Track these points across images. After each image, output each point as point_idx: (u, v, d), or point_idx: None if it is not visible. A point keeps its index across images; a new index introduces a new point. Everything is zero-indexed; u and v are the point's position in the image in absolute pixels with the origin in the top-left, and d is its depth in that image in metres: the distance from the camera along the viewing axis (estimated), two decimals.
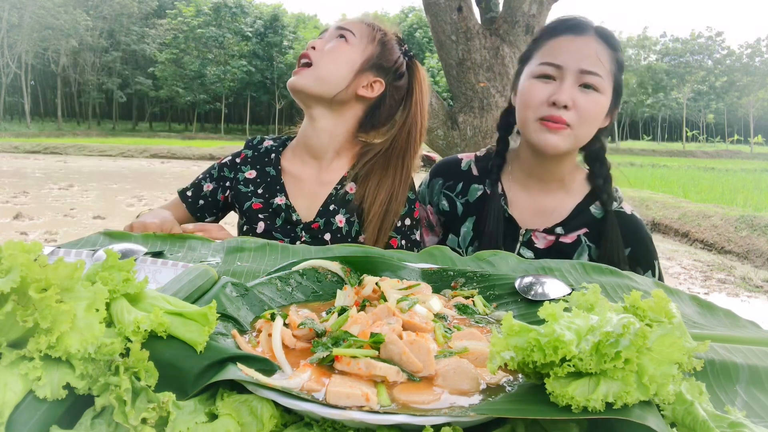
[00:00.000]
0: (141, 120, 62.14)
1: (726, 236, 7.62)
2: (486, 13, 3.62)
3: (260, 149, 1.52)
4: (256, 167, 1.48)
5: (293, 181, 1.45)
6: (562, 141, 1.24)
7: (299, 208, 1.41)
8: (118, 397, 0.46)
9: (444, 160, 1.52)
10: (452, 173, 1.46)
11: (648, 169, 20.66)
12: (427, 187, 1.49)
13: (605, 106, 1.26)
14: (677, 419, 0.48)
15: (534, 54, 1.31)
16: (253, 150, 1.52)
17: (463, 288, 0.85)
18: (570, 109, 1.22)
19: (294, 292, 0.79)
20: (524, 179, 1.39)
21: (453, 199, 1.44)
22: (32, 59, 49.09)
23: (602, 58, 1.24)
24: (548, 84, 1.25)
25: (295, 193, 1.43)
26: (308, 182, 1.45)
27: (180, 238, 1.07)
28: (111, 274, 0.57)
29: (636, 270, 1.28)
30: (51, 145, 27.03)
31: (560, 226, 1.33)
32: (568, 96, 1.22)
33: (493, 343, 0.50)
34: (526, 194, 1.38)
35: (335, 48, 1.39)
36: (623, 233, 1.30)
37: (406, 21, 65.45)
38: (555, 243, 1.32)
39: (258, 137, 1.57)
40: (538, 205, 1.36)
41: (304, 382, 0.53)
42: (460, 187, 1.44)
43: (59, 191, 11.66)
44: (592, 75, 1.22)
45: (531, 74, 1.29)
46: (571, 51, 1.25)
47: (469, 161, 1.47)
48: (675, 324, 0.51)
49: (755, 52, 63.08)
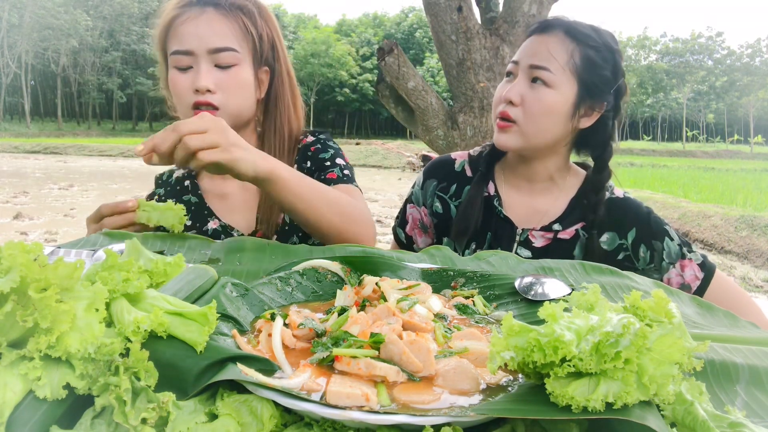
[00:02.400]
0: (141, 120, 62.15)
1: (726, 236, 7.63)
2: (486, 13, 3.62)
3: (171, 182, 1.45)
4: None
5: (219, 200, 1.39)
6: (510, 139, 1.28)
7: (236, 224, 1.36)
8: (118, 397, 0.46)
9: (438, 159, 1.51)
10: (446, 174, 1.45)
11: (648, 169, 20.67)
12: (420, 189, 1.47)
13: (558, 101, 1.25)
14: (677, 419, 0.48)
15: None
16: (164, 187, 1.46)
17: (463, 288, 0.85)
18: (517, 104, 1.25)
19: (294, 292, 0.79)
20: (515, 180, 1.40)
21: (446, 201, 1.43)
22: (32, 59, 49.09)
23: (556, 54, 1.24)
24: (509, 82, 1.29)
25: (225, 211, 1.38)
26: (235, 195, 1.40)
27: (180, 238, 1.07)
28: (111, 274, 0.57)
29: (652, 245, 1.28)
30: (51, 145, 27.06)
31: (557, 222, 1.33)
32: (516, 92, 1.25)
33: (493, 343, 0.50)
34: (519, 194, 1.38)
35: (230, 83, 1.26)
36: (621, 218, 1.31)
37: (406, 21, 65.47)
38: (554, 240, 1.32)
39: (166, 172, 1.49)
40: (532, 205, 1.37)
41: (304, 382, 0.53)
42: (454, 189, 1.43)
43: (59, 191, 11.66)
44: (540, 69, 1.24)
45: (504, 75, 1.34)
46: (527, 49, 1.28)
47: (462, 161, 1.46)
48: (675, 324, 0.51)
49: (755, 52, 63.09)
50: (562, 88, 1.24)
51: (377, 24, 73.41)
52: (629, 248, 1.30)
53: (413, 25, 66.42)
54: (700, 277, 1.26)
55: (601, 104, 1.29)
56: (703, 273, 1.26)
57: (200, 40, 1.24)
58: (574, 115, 1.27)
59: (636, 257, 1.29)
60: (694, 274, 1.26)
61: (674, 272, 1.26)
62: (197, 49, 1.24)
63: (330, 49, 60.16)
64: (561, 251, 1.31)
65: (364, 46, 67.77)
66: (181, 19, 1.25)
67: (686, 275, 1.26)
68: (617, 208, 1.32)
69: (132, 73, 56.03)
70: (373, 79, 56.75)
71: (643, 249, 1.29)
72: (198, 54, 1.24)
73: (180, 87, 1.25)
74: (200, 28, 1.24)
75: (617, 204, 1.33)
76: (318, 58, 59.99)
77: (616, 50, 1.29)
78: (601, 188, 1.32)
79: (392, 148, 26.21)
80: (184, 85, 1.25)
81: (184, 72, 1.25)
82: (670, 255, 1.27)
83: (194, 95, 1.24)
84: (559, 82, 1.23)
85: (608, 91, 1.28)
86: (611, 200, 1.33)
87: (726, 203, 10.13)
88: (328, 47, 60.10)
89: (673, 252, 1.27)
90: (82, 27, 48.14)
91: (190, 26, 1.24)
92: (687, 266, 1.26)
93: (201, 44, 1.24)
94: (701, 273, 1.26)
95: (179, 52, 1.24)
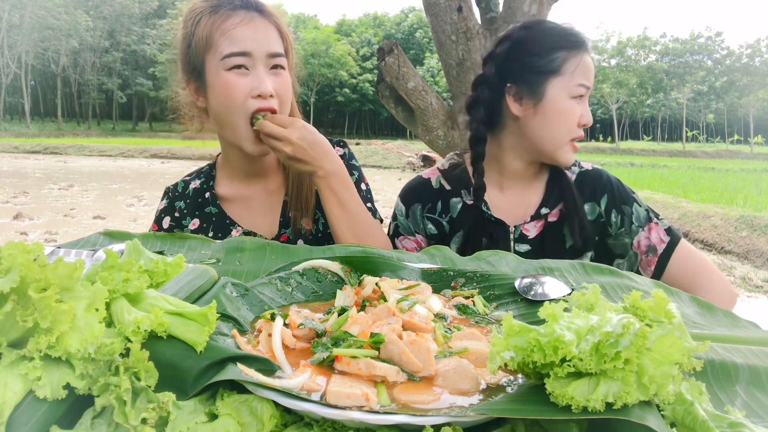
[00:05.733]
0: (141, 120, 62.16)
1: (726, 236, 7.63)
2: (486, 13, 3.62)
3: (188, 194, 1.42)
4: (195, 215, 1.39)
5: (240, 208, 1.38)
6: None
7: (259, 228, 1.36)
8: (118, 397, 0.46)
9: (411, 183, 1.48)
10: (427, 195, 1.43)
11: (648, 169, 20.67)
12: (406, 218, 1.44)
13: None
14: (677, 419, 0.48)
15: (563, 67, 1.29)
16: (183, 199, 1.42)
17: (463, 288, 0.85)
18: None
19: (294, 292, 0.79)
20: (499, 181, 1.41)
21: (437, 220, 1.42)
22: (32, 59, 49.10)
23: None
24: (580, 104, 1.30)
25: (246, 216, 1.37)
26: (256, 200, 1.38)
27: (180, 238, 1.07)
28: (111, 274, 0.57)
29: (622, 209, 1.34)
30: (51, 145, 27.06)
31: (542, 206, 1.37)
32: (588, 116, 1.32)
33: (493, 343, 0.50)
34: (503, 194, 1.41)
35: (285, 89, 1.27)
36: (594, 187, 1.37)
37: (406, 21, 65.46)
38: (545, 226, 1.36)
39: (179, 183, 1.46)
40: (516, 199, 1.40)
41: (304, 382, 0.53)
42: (440, 207, 1.42)
43: (59, 191, 11.66)
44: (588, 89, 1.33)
45: (570, 93, 1.29)
46: (589, 69, 1.30)
47: (437, 178, 1.45)
48: (675, 324, 0.51)
49: (755, 52, 63.07)
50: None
51: (377, 24, 73.38)
52: (603, 215, 1.36)
53: (413, 25, 66.42)
54: (666, 240, 1.31)
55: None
56: (669, 237, 1.32)
57: (258, 43, 1.21)
58: None
59: (609, 223, 1.35)
60: (660, 237, 1.32)
61: (643, 235, 1.33)
62: (256, 52, 1.21)
63: (330, 49, 60.13)
64: (553, 234, 1.35)
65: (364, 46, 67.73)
66: (233, 21, 1.22)
67: (652, 237, 1.32)
68: (589, 179, 1.39)
69: (132, 74, 56.03)
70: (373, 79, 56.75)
71: (614, 214, 1.35)
72: (256, 57, 1.21)
73: (239, 91, 1.20)
74: (258, 32, 1.22)
75: (588, 175, 1.39)
76: (318, 58, 59.94)
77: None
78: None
79: (392, 148, 26.20)
80: (244, 90, 1.20)
81: (242, 75, 1.21)
82: (639, 219, 1.34)
83: (255, 100, 1.21)
84: None
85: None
86: (582, 173, 1.40)
87: (726, 203, 10.13)
88: (328, 47, 60.06)
89: (642, 216, 1.34)
90: (82, 27, 48.13)
91: (247, 29, 1.21)
92: (653, 229, 1.33)
93: (260, 48, 1.21)
94: (667, 237, 1.32)
95: (236, 53, 1.20)
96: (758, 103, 54.60)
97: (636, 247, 1.32)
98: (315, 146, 1.21)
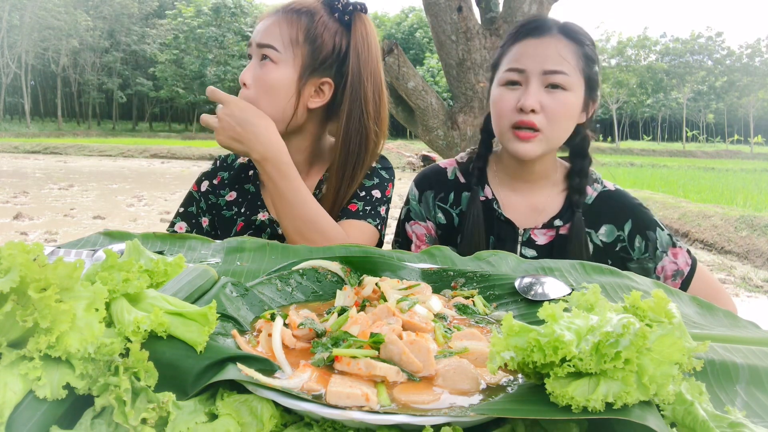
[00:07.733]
0: (141, 120, 62.16)
1: (726, 236, 7.62)
2: (486, 13, 3.62)
3: (234, 167, 1.46)
4: (234, 187, 1.43)
5: None
6: (534, 147, 1.26)
7: None
8: (118, 397, 0.46)
9: (427, 171, 1.49)
10: (441, 184, 1.44)
11: (648, 169, 20.66)
12: (419, 203, 1.44)
13: (575, 103, 1.26)
14: (677, 419, 0.48)
15: (501, 61, 1.32)
16: (228, 170, 1.46)
17: (463, 288, 0.85)
18: (538, 112, 1.23)
19: (294, 292, 0.79)
20: (510, 181, 1.40)
21: (448, 210, 1.42)
22: (32, 59, 49.10)
23: (566, 56, 1.24)
24: (515, 90, 1.26)
25: None
26: None
27: (180, 238, 1.07)
28: (111, 274, 0.57)
29: (647, 235, 1.32)
30: (51, 145, 27.05)
31: (557, 218, 1.34)
32: (534, 99, 1.22)
33: (493, 343, 0.50)
34: (516, 195, 1.39)
35: (264, 79, 1.25)
36: (616, 210, 1.34)
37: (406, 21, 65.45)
38: (556, 237, 1.34)
39: (230, 155, 1.48)
40: (531, 204, 1.37)
41: (304, 382, 0.53)
42: (452, 198, 1.42)
43: (59, 191, 11.66)
44: (556, 74, 1.23)
45: (499, 82, 1.30)
46: (532, 54, 1.25)
47: (453, 169, 1.46)
48: (675, 324, 0.51)
49: (755, 52, 63.10)
50: (576, 90, 1.26)
51: (377, 24, 73.07)
52: (626, 239, 1.33)
53: (413, 25, 66.40)
54: (689, 263, 1.31)
55: (596, 96, 1.32)
56: (692, 259, 1.32)
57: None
58: (581, 112, 1.30)
59: (632, 247, 1.33)
60: (685, 261, 1.31)
61: (668, 260, 1.31)
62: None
63: None
64: (562, 247, 1.33)
65: None
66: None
67: (679, 261, 1.31)
68: (612, 200, 1.35)
69: (132, 74, 56.00)
70: None
71: (639, 239, 1.32)
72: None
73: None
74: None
75: (611, 196, 1.36)
76: None
77: (594, 43, 1.33)
78: (586, 174, 1.35)
79: (392, 148, 26.18)
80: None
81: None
82: (662, 244, 1.32)
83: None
84: (574, 84, 1.25)
85: (599, 83, 1.32)
86: (605, 193, 1.36)
87: (726, 203, 10.12)
88: None
89: (665, 241, 1.32)
90: (82, 27, 48.14)
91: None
92: (679, 254, 1.31)
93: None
94: (690, 260, 1.31)
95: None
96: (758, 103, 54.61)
97: (659, 272, 1.31)
98: (245, 125, 1.18)
